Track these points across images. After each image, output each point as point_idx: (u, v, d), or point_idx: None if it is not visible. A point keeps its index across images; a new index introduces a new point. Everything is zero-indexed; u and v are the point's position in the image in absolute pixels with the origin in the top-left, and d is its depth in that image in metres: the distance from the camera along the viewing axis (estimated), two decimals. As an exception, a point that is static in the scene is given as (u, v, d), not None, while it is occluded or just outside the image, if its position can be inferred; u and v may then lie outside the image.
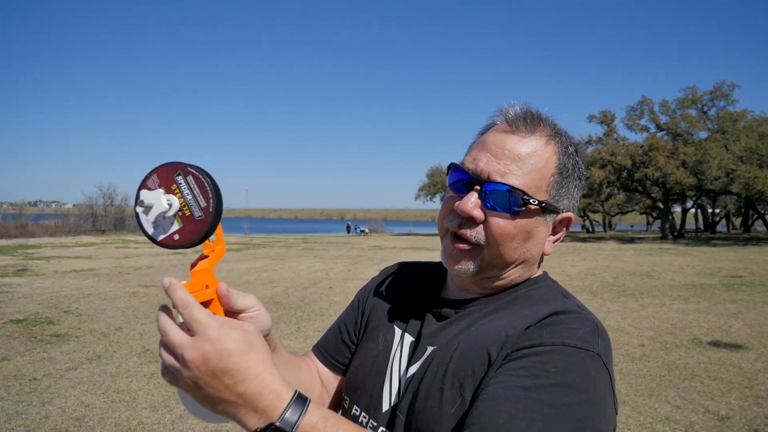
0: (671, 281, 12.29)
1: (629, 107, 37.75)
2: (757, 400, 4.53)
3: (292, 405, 0.61)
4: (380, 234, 49.46)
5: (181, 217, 0.68)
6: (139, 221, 0.69)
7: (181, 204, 0.67)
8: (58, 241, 29.02)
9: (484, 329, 0.86)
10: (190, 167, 0.68)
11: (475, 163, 0.87)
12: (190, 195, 0.67)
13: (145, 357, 5.92)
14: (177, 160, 0.69)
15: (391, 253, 21.70)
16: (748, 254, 20.32)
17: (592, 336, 0.78)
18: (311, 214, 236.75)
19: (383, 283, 1.13)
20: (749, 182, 28.39)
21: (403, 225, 79.31)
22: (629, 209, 58.01)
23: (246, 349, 0.62)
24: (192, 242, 0.67)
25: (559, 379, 0.71)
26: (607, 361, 0.77)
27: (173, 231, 0.68)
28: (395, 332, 0.99)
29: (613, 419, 0.75)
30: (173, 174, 0.68)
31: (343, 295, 10.36)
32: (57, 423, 4.10)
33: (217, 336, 0.61)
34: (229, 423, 5.27)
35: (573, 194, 0.92)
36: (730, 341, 6.56)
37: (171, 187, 0.68)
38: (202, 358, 0.60)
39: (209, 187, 0.67)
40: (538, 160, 0.86)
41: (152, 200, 0.67)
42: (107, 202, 41.72)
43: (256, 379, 0.61)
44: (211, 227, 0.67)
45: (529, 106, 0.91)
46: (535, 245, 0.90)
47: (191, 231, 0.67)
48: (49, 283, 11.68)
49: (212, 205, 0.66)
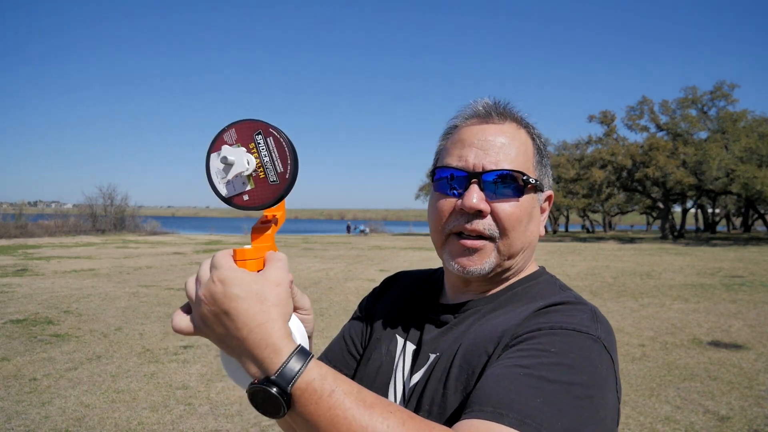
0: (671, 281, 12.29)
1: (629, 107, 37.81)
2: (757, 400, 4.53)
3: (291, 360, 0.61)
4: (380, 234, 49.45)
5: (254, 179, 0.65)
6: (209, 174, 0.66)
7: (257, 164, 0.65)
8: (58, 241, 29.00)
9: (482, 330, 0.85)
10: (272, 128, 0.65)
11: (465, 159, 0.87)
12: (268, 157, 0.65)
13: (145, 357, 5.92)
14: (257, 118, 0.66)
15: (391, 253, 21.70)
16: (748, 254, 20.31)
17: (590, 321, 0.78)
18: (311, 214, 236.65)
19: (384, 293, 1.13)
20: (748, 182, 28.39)
21: (403, 225, 79.30)
22: (629, 209, 57.97)
23: (250, 297, 0.61)
24: (261, 206, 0.66)
25: (560, 359, 0.70)
26: (609, 346, 0.76)
27: (244, 191, 0.65)
28: (397, 342, 0.99)
29: (614, 405, 0.74)
30: (252, 132, 0.65)
31: (343, 295, 10.36)
32: (57, 423, 4.09)
33: (225, 278, 0.62)
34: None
35: (549, 174, 0.96)
36: (730, 341, 6.56)
37: (249, 146, 0.65)
38: (211, 297, 0.62)
39: (289, 152, 0.64)
40: (518, 143, 0.89)
41: (235, 157, 0.64)
42: (107, 202, 41.69)
43: (256, 330, 0.61)
44: (284, 193, 0.65)
45: (495, 97, 0.94)
46: (536, 226, 0.92)
47: (263, 194, 0.65)
48: (49, 283, 11.68)
49: (289, 171, 0.64)
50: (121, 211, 42.14)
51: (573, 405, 0.67)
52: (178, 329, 0.65)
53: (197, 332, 0.65)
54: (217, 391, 4.85)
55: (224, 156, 0.64)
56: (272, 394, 0.59)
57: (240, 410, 4.38)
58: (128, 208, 43.27)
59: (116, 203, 42.13)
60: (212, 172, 0.66)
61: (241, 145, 0.65)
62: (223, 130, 0.66)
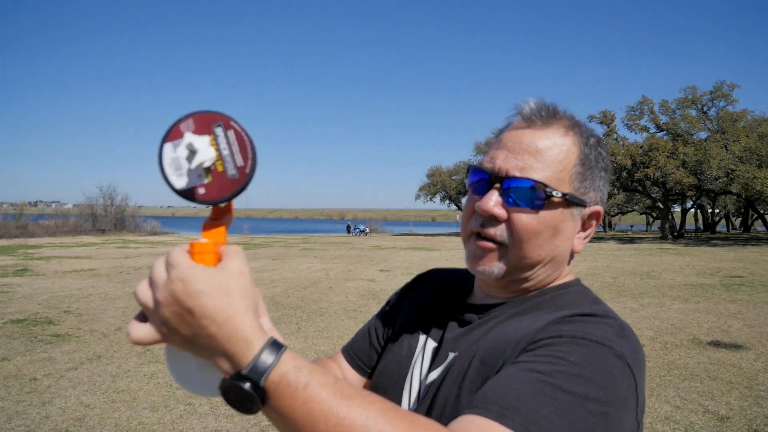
0: (671, 281, 12.29)
1: (629, 107, 37.71)
2: (757, 400, 4.53)
3: (264, 353, 0.57)
4: (380, 234, 49.44)
5: (212, 172, 0.62)
6: (162, 165, 0.62)
7: (216, 157, 0.62)
8: (59, 241, 29.00)
9: (503, 333, 0.83)
10: (233, 121, 0.62)
11: (493, 162, 0.86)
12: (227, 150, 0.61)
13: (145, 357, 5.92)
14: (217, 110, 0.63)
15: (391, 253, 21.69)
16: (748, 254, 20.30)
17: (616, 336, 0.74)
18: (311, 214, 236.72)
19: (413, 288, 1.11)
20: (748, 182, 28.38)
21: (403, 225, 79.34)
22: (629, 209, 58.05)
23: (214, 291, 0.57)
24: (217, 200, 0.62)
25: (578, 370, 0.67)
26: (632, 364, 0.72)
27: (200, 184, 0.62)
28: (419, 338, 0.97)
29: (632, 427, 0.70)
30: (212, 124, 0.62)
31: (343, 295, 10.36)
32: (57, 423, 4.10)
33: (184, 276, 0.57)
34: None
35: (599, 187, 0.89)
36: (730, 341, 6.56)
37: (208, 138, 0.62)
38: (171, 298, 0.57)
39: (249, 146, 0.62)
40: (557, 152, 0.84)
41: (199, 145, 0.61)
42: (107, 202, 41.68)
43: (225, 324, 0.56)
44: (242, 188, 0.62)
45: (543, 100, 0.89)
46: (563, 242, 0.86)
47: (220, 188, 0.62)
48: (50, 283, 11.67)
49: (249, 165, 0.61)
50: (121, 211, 42.13)
51: (585, 420, 0.64)
52: (138, 340, 0.59)
53: (161, 339, 0.60)
54: (217, 391, 4.84)
55: (190, 142, 0.60)
56: (245, 390, 0.56)
57: (240, 410, 4.38)
58: (128, 208, 43.27)
59: (116, 203, 42.13)
60: (165, 163, 0.62)
61: (197, 135, 0.62)
62: (180, 120, 0.62)
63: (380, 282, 12.36)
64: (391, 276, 13.50)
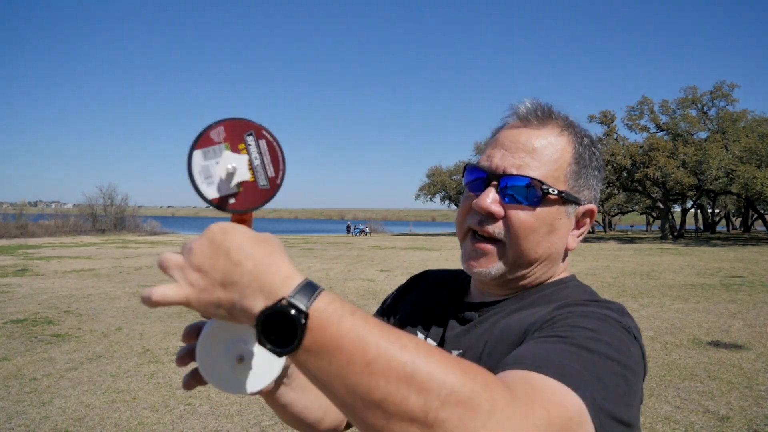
0: (671, 281, 12.29)
1: (629, 107, 37.75)
2: (757, 400, 4.53)
3: (306, 284, 0.54)
4: (380, 234, 49.45)
5: (243, 182, 0.61)
6: (192, 174, 0.60)
7: (248, 167, 0.61)
8: (58, 241, 29.01)
9: (509, 324, 0.85)
10: (265, 130, 0.61)
11: (490, 160, 0.87)
12: (259, 160, 0.61)
13: (145, 357, 5.92)
14: (249, 119, 0.62)
15: (391, 253, 21.70)
16: (748, 254, 20.31)
17: (619, 314, 0.77)
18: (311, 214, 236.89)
19: (409, 291, 1.12)
20: (748, 182, 28.40)
21: (403, 225, 79.36)
22: (629, 209, 57.98)
23: (252, 237, 0.56)
24: (246, 210, 0.62)
25: (596, 335, 0.69)
26: (638, 336, 0.75)
27: (230, 193, 0.61)
28: (418, 337, 0.97)
29: (640, 396, 0.72)
30: (243, 132, 0.61)
31: (343, 295, 10.35)
32: (57, 423, 4.10)
33: (223, 225, 0.57)
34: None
35: (593, 185, 0.91)
36: (730, 341, 6.56)
37: (238, 146, 0.61)
38: (207, 242, 0.55)
39: (281, 156, 0.61)
40: (552, 150, 0.86)
41: (237, 164, 0.60)
42: (107, 202, 41.75)
43: (264, 260, 0.54)
44: (271, 198, 0.62)
45: (539, 101, 0.91)
46: (559, 239, 0.88)
47: (250, 199, 0.61)
48: (50, 283, 11.68)
49: (280, 177, 0.61)
50: (121, 211, 42.18)
51: (611, 378, 0.65)
52: (162, 297, 0.55)
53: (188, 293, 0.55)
54: (217, 390, 4.84)
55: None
56: (289, 315, 0.51)
57: (240, 410, 4.38)
58: (128, 208, 43.32)
59: (116, 203, 42.20)
60: (195, 171, 0.60)
61: (229, 144, 0.61)
62: (210, 127, 0.60)
63: (380, 282, 12.36)
64: (391, 276, 13.50)
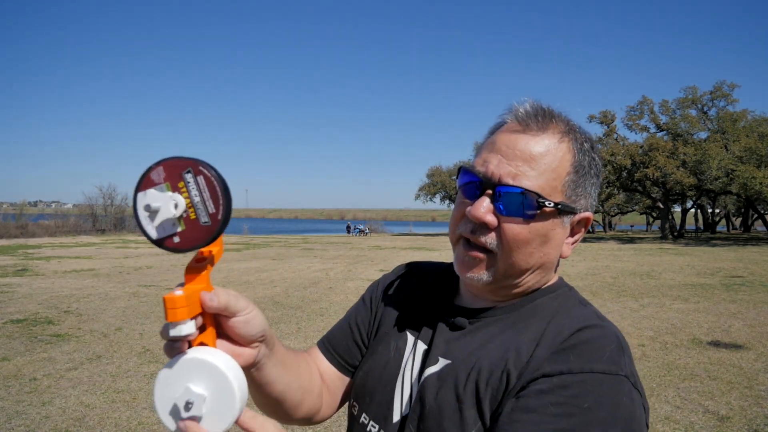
0: (671, 281, 12.29)
1: (629, 107, 37.73)
2: (757, 400, 4.53)
3: None
4: (380, 234, 49.46)
5: (185, 220, 0.62)
6: (137, 216, 0.62)
7: (187, 205, 0.61)
8: (58, 241, 29.02)
9: (505, 347, 0.83)
10: (203, 166, 0.61)
11: (486, 165, 0.83)
12: (199, 197, 0.61)
13: (145, 357, 5.92)
14: (186, 156, 0.63)
15: (391, 253, 21.70)
16: (748, 254, 20.31)
17: (618, 355, 0.76)
18: (311, 214, 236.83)
19: (394, 284, 1.09)
20: (748, 182, 28.39)
21: (403, 225, 79.35)
22: (629, 209, 57.97)
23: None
24: (193, 248, 0.62)
25: (593, 417, 0.70)
26: (635, 382, 0.77)
27: (174, 233, 0.62)
28: (407, 339, 0.96)
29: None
30: (182, 171, 0.61)
31: (343, 295, 10.36)
32: (57, 423, 4.10)
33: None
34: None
35: (590, 193, 0.88)
36: (730, 341, 6.56)
37: (178, 185, 0.61)
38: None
39: (221, 192, 0.61)
40: (551, 159, 0.82)
41: (160, 203, 0.61)
42: (107, 202, 41.72)
43: None
44: (216, 235, 0.62)
45: (540, 103, 0.87)
46: (553, 249, 0.86)
47: (194, 236, 0.62)
48: (49, 283, 11.68)
49: (221, 212, 0.61)
50: (121, 211, 42.13)
51: None
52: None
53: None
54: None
55: (147, 204, 0.61)
56: None
57: (240, 410, 4.38)
58: (128, 208, 43.06)
59: (116, 203, 42.14)
60: (139, 213, 0.61)
61: (169, 183, 0.62)
62: (151, 168, 0.62)
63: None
64: (391, 276, 13.49)
